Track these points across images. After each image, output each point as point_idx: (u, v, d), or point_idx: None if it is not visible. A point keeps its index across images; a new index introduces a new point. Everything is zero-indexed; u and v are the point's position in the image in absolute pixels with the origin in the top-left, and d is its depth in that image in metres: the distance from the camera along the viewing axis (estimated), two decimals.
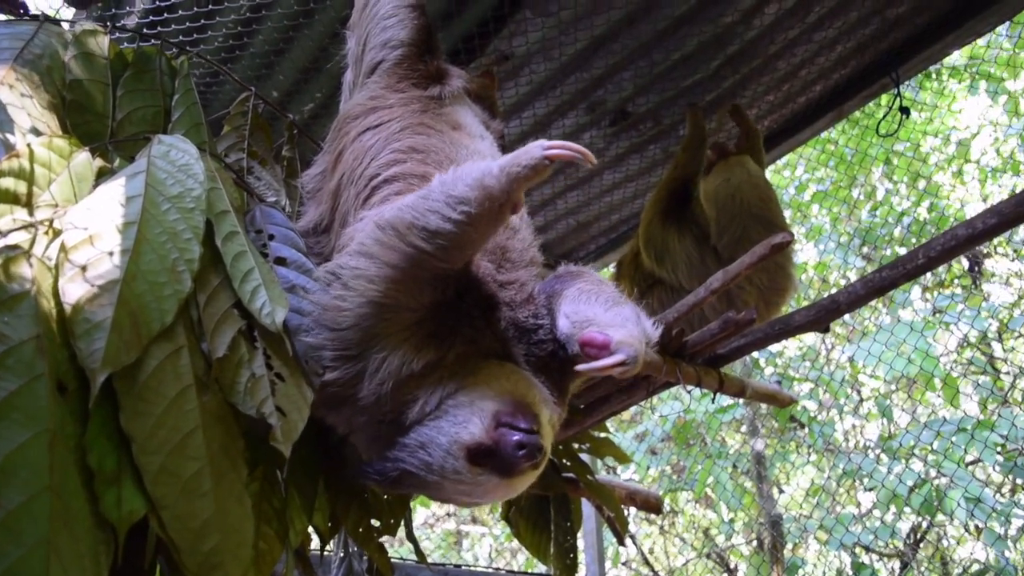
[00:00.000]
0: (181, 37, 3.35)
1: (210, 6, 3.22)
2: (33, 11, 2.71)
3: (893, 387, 8.35)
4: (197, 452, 1.41)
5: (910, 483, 6.72)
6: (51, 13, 3.20)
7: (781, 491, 9.18)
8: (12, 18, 2.55)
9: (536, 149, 1.61)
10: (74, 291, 1.37)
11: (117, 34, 2.98)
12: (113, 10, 3.34)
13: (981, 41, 5.75)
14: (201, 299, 1.58)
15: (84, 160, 1.67)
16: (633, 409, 8.97)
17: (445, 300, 1.79)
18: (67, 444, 1.27)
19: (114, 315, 1.36)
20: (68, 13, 3.37)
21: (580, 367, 1.75)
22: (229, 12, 3.33)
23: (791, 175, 8.76)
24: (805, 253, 8.90)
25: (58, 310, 1.35)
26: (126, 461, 1.33)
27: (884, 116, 4.66)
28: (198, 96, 3.68)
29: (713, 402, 3.60)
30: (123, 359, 1.35)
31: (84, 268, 1.40)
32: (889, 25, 4.02)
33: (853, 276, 8.61)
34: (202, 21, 3.29)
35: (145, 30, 3.29)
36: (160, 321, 1.44)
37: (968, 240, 2.52)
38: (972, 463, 7.47)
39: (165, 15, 3.28)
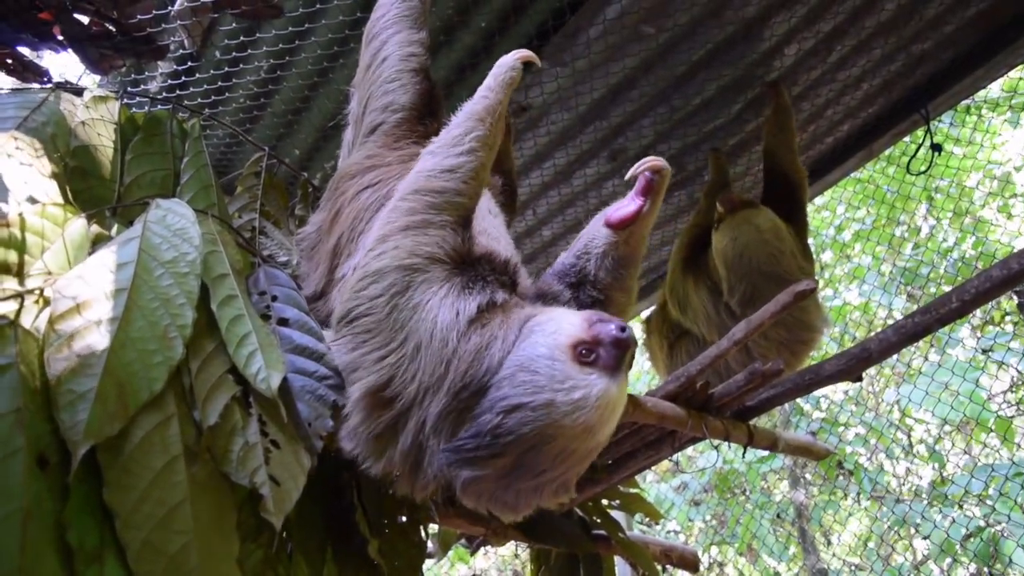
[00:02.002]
0: (200, 100, 3.39)
1: (227, 68, 3.26)
2: (57, 78, 2.76)
3: (946, 429, 8.07)
4: (184, 526, 1.36)
5: (965, 529, 6.45)
6: (73, 79, 3.28)
7: (829, 541, 8.89)
8: (35, 85, 2.61)
9: (509, 58, 1.99)
10: (59, 361, 1.34)
11: (137, 99, 3.04)
12: (134, 75, 3.40)
13: (1019, 73, 5.64)
14: (194, 365, 1.55)
15: (79, 227, 1.66)
16: (673, 459, 8.81)
17: (467, 252, 1.84)
18: (44, 521, 1.23)
19: (99, 385, 1.33)
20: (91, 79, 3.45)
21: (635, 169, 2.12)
22: (247, 74, 3.37)
23: (831, 215, 8.63)
24: (849, 294, 8.72)
25: (43, 381, 1.33)
26: (109, 537, 1.29)
27: (915, 154, 4.56)
28: (219, 158, 3.79)
29: (744, 457, 3.49)
30: (107, 430, 1.31)
31: (71, 338, 1.38)
32: (915, 61, 3.94)
33: (898, 315, 8.41)
34: (219, 84, 3.34)
35: (166, 94, 3.35)
36: (148, 390, 1.41)
37: (1003, 282, 2.41)
38: None
39: (184, 79, 3.33)
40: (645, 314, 5.07)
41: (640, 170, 2.15)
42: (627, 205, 2.15)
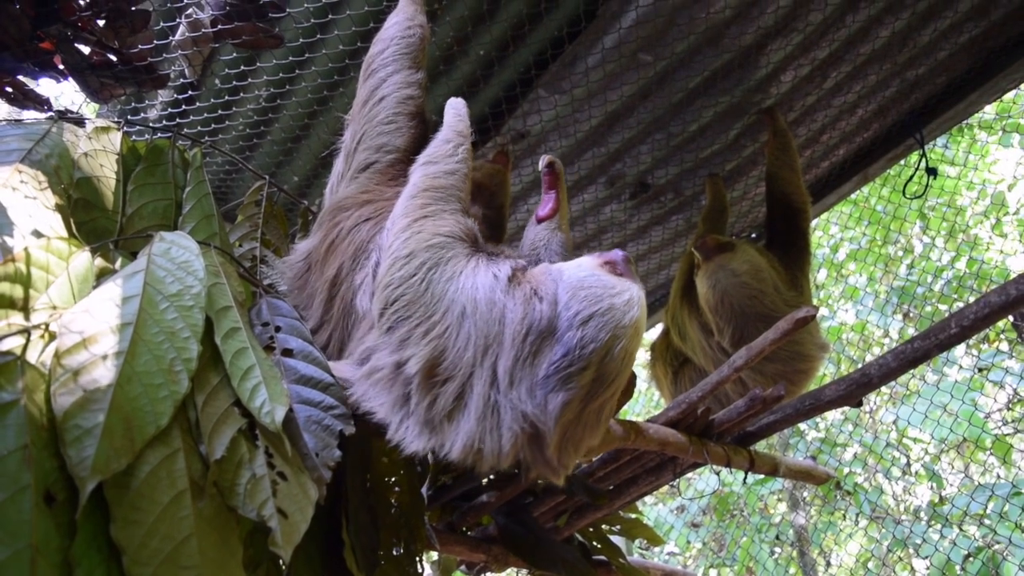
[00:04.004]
0: (200, 128, 3.40)
1: (227, 97, 3.28)
2: (57, 107, 2.78)
3: (942, 447, 8.06)
4: (191, 561, 1.35)
5: (964, 550, 6.43)
6: (74, 107, 3.29)
7: (829, 563, 8.86)
8: (35, 112, 2.62)
9: (458, 100, 2.38)
10: (66, 397, 1.33)
11: (137, 127, 3.06)
12: (134, 104, 3.41)
13: (1011, 95, 5.69)
14: (199, 399, 1.54)
15: (84, 261, 1.66)
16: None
17: (477, 235, 2.04)
18: (52, 559, 1.22)
19: (106, 420, 1.32)
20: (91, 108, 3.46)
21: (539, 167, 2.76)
22: (247, 102, 3.39)
23: (824, 234, 8.66)
24: (844, 314, 8.74)
25: (50, 417, 1.32)
26: (116, 573, 1.28)
27: (910, 178, 4.59)
28: (219, 186, 3.80)
29: (745, 481, 3.51)
30: (114, 466, 1.30)
31: (77, 373, 1.37)
32: (909, 87, 3.98)
33: (894, 334, 8.42)
34: (219, 112, 3.35)
35: (165, 123, 3.36)
36: (155, 424, 1.40)
37: (1001, 307, 2.43)
38: None
39: (184, 107, 3.34)
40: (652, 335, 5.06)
41: (541, 169, 2.76)
42: (548, 201, 2.72)
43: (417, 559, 2.22)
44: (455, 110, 2.34)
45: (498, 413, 1.73)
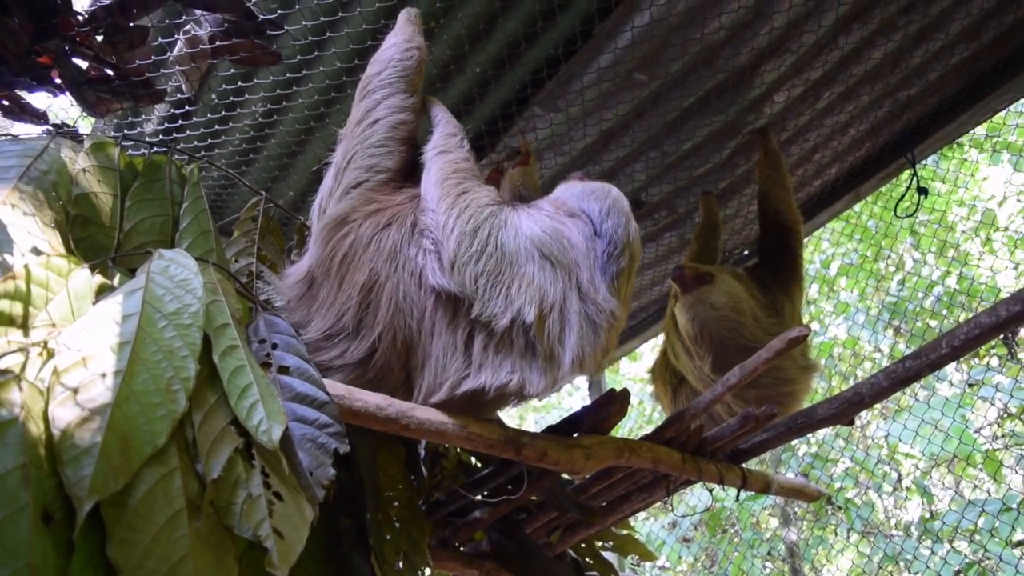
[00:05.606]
0: (196, 143, 3.41)
1: (223, 112, 3.28)
2: (53, 120, 2.78)
3: (933, 463, 8.08)
4: None
5: (955, 566, 6.44)
6: (70, 121, 3.29)
7: None
8: (30, 126, 2.62)
9: (435, 98, 2.77)
10: (64, 416, 1.34)
11: (133, 142, 3.06)
12: (130, 118, 3.41)
13: (1001, 115, 5.73)
14: (196, 418, 1.54)
15: (83, 278, 1.66)
16: None
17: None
18: None
19: (103, 440, 1.33)
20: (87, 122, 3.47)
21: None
22: (244, 118, 3.40)
23: (816, 250, 8.69)
24: (835, 329, 8.76)
25: (48, 435, 1.32)
26: None
27: (901, 197, 4.62)
28: (215, 200, 3.80)
29: (737, 499, 3.52)
30: (111, 486, 1.31)
31: (75, 391, 1.37)
32: (901, 107, 4.02)
33: (885, 349, 8.45)
34: (215, 127, 3.36)
35: (162, 137, 3.37)
36: (152, 444, 1.40)
37: (992, 328, 2.44)
38: (1021, 543, 7.15)
39: (180, 122, 3.35)
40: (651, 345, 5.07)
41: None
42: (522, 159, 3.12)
43: (419, 572, 2.23)
44: (441, 107, 2.68)
45: (592, 320, 2.09)
